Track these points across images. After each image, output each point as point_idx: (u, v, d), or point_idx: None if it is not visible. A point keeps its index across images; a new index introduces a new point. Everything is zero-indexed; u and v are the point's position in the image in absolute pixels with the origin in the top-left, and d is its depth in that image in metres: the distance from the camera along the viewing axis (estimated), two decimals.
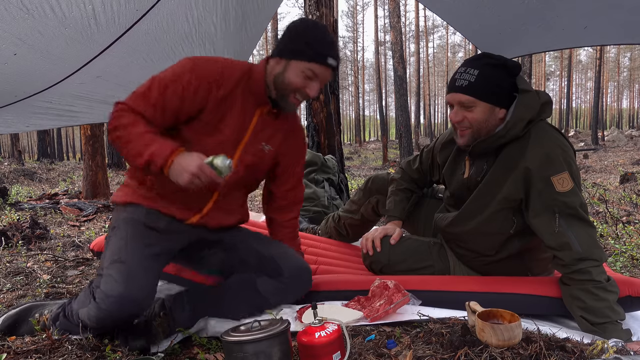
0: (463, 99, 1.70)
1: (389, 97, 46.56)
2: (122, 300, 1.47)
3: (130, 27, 2.22)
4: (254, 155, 1.76)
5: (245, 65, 1.73)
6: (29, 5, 1.73)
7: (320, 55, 1.62)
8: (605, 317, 1.59)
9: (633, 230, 3.54)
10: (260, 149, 1.77)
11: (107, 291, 1.48)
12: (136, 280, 1.51)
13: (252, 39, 3.15)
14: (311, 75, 1.64)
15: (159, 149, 1.48)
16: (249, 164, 1.76)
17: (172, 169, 1.47)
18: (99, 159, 6.53)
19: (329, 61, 1.64)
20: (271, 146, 1.80)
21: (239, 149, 1.72)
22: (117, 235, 1.64)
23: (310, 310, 1.65)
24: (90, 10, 1.93)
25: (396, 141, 20.76)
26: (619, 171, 9.39)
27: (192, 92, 1.62)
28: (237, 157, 1.72)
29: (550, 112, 1.75)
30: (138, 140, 1.51)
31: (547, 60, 49.55)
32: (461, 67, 1.74)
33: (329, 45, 1.65)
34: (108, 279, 1.51)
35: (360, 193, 2.55)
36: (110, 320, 1.50)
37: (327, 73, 1.66)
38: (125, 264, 1.53)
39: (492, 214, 1.78)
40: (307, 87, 1.65)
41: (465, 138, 1.77)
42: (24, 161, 15.72)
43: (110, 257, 1.58)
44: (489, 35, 2.85)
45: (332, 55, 1.64)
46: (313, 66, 1.62)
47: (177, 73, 1.62)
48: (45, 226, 3.91)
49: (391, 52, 14.88)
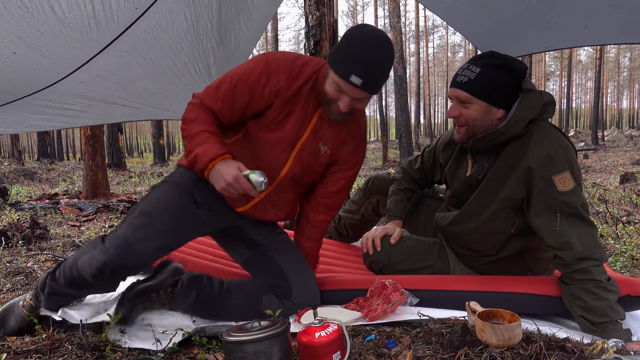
0: (461, 95, 1.71)
1: (389, 97, 46.53)
2: (127, 245, 1.53)
3: (129, 25, 2.22)
4: (310, 155, 1.75)
5: (318, 64, 1.70)
6: (28, 4, 1.72)
7: (344, 70, 1.53)
8: (605, 316, 1.59)
9: (633, 230, 3.54)
10: (317, 149, 1.75)
11: (120, 233, 1.56)
12: (150, 234, 1.58)
13: (249, 36, 3.14)
14: (338, 89, 1.57)
15: (205, 151, 1.54)
16: (304, 163, 1.75)
17: (212, 173, 1.54)
18: (99, 159, 6.53)
19: (351, 79, 1.52)
20: (328, 147, 1.77)
21: (297, 147, 1.72)
22: (159, 191, 1.71)
23: (309, 311, 1.65)
24: (90, 10, 1.93)
25: (396, 141, 20.75)
26: (619, 171, 9.39)
27: (261, 89, 1.63)
28: (294, 155, 1.73)
29: (553, 113, 1.75)
30: (194, 138, 1.59)
31: (547, 60, 49.55)
32: (466, 63, 1.75)
33: (361, 62, 1.51)
34: (127, 224, 1.60)
35: (360, 193, 2.56)
36: (110, 267, 1.53)
37: (355, 91, 1.56)
38: (150, 218, 1.61)
39: (494, 213, 1.78)
40: (339, 100, 1.59)
41: (460, 134, 1.80)
42: (24, 161, 15.72)
43: (141, 208, 1.66)
44: (489, 36, 2.85)
45: (358, 72, 1.51)
46: (339, 80, 1.55)
47: (249, 69, 1.64)
48: (45, 226, 3.91)
49: None
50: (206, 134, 1.58)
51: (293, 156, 1.73)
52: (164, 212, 1.64)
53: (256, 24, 3.05)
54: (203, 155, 1.54)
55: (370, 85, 1.55)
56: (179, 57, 2.81)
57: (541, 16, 2.43)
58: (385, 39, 1.56)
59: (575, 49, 40.12)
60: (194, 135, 1.59)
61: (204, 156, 1.54)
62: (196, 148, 1.56)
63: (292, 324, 1.50)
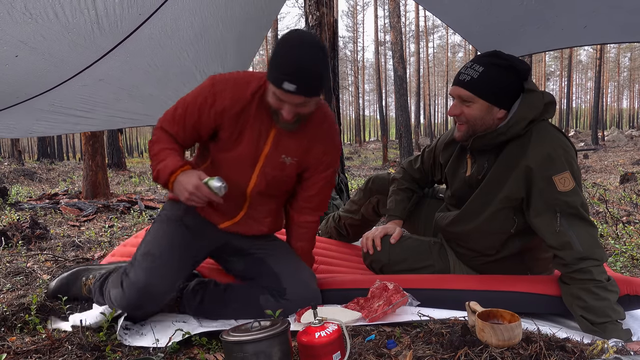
0: (462, 94, 1.71)
1: (389, 97, 46.57)
2: (147, 288, 1.63)
3: (133, 31, 2.22)
4: (274, 169, 1.75)
5: (263, 78, 1.69)
6: (32, 10, 1.73)
7: (276, 78, 1.50)
8: (605, 316, 1.59)
9: (633, 230, 3.54)
10: (281, 161, 1.75)
11: (134, 279, 1.65)
12: (163, 272, 1.67)
13: (255, 41, 3.15)
14: (278, 98, 1.54)
15: (165, 166, 1.64)
16: (269, 177, 1.76)
17: (175, 186, 1.63)
18: (99, 159, 6.53)
19: (284, 86, 1.48)
20: (292, 158, 1.76)
21: (259, 163, 1.74)
22: (156, 228, 1.81)
23: (309, 311, 1.65)
24: (93, 15, 1.93)
25: (396, 141, 20.76)
26: (619, 171, 9.39)
27: (207, 110, 1.68)
28: (257, 171, 1.75)
29: (553, 113, 1.75)
30: (155, 157, 1.70)
31: (547, 60, 49.55)
32: (469, 61, 1.75)
33: (291, 67, 1.47)
34: (137, 268, 1.68)
35: (360, 193, 2.55)
36: (132, 308, 1.64)
37: (291, 97, 1.51)
38: (155, 257, 1.69)
39: (493, 213, 1.78)
40: (281, 109, 1.57)
41: (461, 133, 1.80)
42: (24, 161, 15.72)
43: (144, 247, 1.74)
44: (488, 36, 2.85)
45: (290, 79, 1.47)
46: (275, 89, 1.52)
47: (198, 92, 1.71)
48: (45, 226, 3.91)
49: (391, 52, 14.89)
50: (166, 151, 1.68)
51: (256, 173, 1.75)
52: (167, 248, 1.73)
53: (261, 28, 3.05)
54: (164, 170, 1.63)
55: (305, 89, 1.50)
56: (185, 64, 2.82)
57: (540, 17, 2.43)
58: (312, 39, 1.53)
59: (575, 49, 40.12)
60: (155, 155, 1.70)
61: (165, 171, 1.63)
62: (158, 165, 1.66)
63: (292, 324, 1.50)
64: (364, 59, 47.33)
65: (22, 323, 1.83)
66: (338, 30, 5.09)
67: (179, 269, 1.74)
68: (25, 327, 1.82)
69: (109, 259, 2.28)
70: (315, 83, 1.52)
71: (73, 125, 3.22)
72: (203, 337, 1.60)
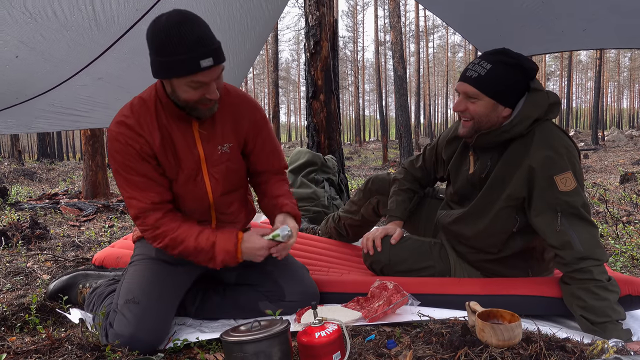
0: (469, 90, 1.71)
1: (389, 97, 46.55)
2: (131, 341, 1.51)
3: (130, 27, 2.22)
4: (220, 163, 1.68)
5: (151, 94, 1.59)
6: (32, 9, 1.73)
7: (190, 65, 1.39)
8: (605, 316, 1.59)
9: (633, 230, 3.54)
10: (220, 153, 1.67)
11: (118, 331, 1.53)
12: (147, 323, 1.55)
13: (257, 43, 3.14)
14: (197, 85, 1.45)
15: (222, 251, 1.59)
16: (220, 175, 1.69)
17: (244, 257, 1.63)
18: (99, 159, 6.53)
19: (203, 65, 1.39)
20: (228, 143, 1.68)
21: (203, 168, 1.65)
22: (133, 272, 1.70)
23: (309, 311, 1.65)
24: (90, 11, 1.93)
25: (396, 141, 20.75)
26: (619, 171, 9.39)
27: (138, 151, 1.55)
28: (207, 177, 1.67)
29: (557, 113, 1.75)
30: (197, 250, 1.59)
31: (547, 60, 49.52)
32: (477, 57, 1.74)
33: (196, 44, 1.38)
34: (120, 318, 1.56)
35: (360, 194, 2.55)
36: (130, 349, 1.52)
37: (212, 73, 1.44)
38: (138, 305, 1.57)
39: (498, 211, 1.78)
40: (206, 94, 1.48)
41: (466, 129, 1.79)
42: (24, 161, 15.72)
43: (125, 294, 1.62)
44: (488, 37, 2.85)
45: (203, 54, 1.38)
46: (192, 77, 1.42)
47: (114, 154, 1.55)
48: (45, 226, 3.91)
49: (391, 52, 14.88)
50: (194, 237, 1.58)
51: (207, 179, 1.66)
52: (147, 290, 1.62)
53: (263, 31, 3.05)
54: (226, 258, 1.60)
55: (218, 56, 1.43)
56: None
57: (539, 19, 2.44)
58: (184, 12, 1.42)
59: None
60: (193, 250, 1.59)
61: (228, 256, 1.60)
62: (216, 257, 1.59)
63: (292, 324, 1.50)
64: (364, 59, 47.31)
65: (22, 323, 1.83)
66: (338, 30, 5.09)
67: (166, 312, 1.62)
68: (25, 327, 1.82)
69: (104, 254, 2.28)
70: (218, 46, 1.44)
71: (72, 122, 3.22)
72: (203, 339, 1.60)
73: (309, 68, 4.85)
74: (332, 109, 4.86)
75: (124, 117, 1.56)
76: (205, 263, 1.62)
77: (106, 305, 1.72)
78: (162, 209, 1.60)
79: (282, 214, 1.74)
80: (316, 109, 4.80)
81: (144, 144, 1.55)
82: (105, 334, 1.56)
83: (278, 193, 1.81)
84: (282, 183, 1.86)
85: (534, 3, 2.29)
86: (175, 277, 1.70)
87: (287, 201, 1.78)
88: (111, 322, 1.57)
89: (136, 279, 1.66)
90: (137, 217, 1.59)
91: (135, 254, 1.78)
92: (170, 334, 1.64)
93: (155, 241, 1.61)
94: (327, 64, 4.82)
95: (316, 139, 4.80)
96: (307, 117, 4.92)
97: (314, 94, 4.81)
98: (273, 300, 1.76)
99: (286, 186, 1.87)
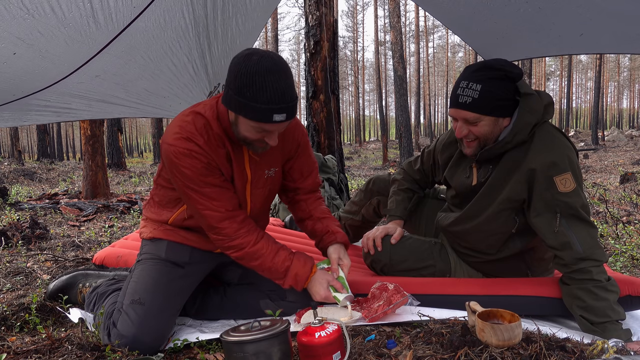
0: (468, 116, 1.69)
1: (389, 97, 46.57)
2: (133, 342, 1.51)
3: (128, 24, 2.22)
4: (263, 187, 1.75)
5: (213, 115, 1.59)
6: (29, 5, 1.72)
7: (263, 115, 1.41)
8: (605, 316, 1.59)
9: (633, 230, 3.54)
10: (266, 178, 1.75)
11: (121, 331, 1.54)
12: (151, 326, 1.55)
13: (247, 35, 3.13)
14: (261, 130, 1.48)
15: (293, 283, 1.69)
16: (264, 196, 1.77)
17: (308, 289, 1.72)
18: (99, 159, 6.53)
19: (275, 119, 1.41)
20: (274, 167, 1.76)
21: (247, 189, 1.71)
22: (141, 271, 1.69)
23: (309, 311, 1.65)
24: (88, 8, 1.92)
25: (396, 141, 20.76)
26: (619, 171, 9.40)
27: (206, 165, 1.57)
28: (249, 197, 1.73)
29: (553, 113, 1.75)
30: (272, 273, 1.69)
31: (547, 60, 49.53)
32: (462, 81, 1.69)
33: (275, 99, 1.39)
34: (125, 319, 1.56)
35: (361, 194, 2.55)
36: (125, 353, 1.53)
37: (281, 126, 1.47)
38: (143, 307, 1.58)
39: (495, 213, 1.78)
40: (266, 138, 1.52)
41: (472, 149, 1.77)
42: (23, 161, 15.72)
43: (131, 294, 1.62)
44: (486, 39, 2.86)
45: (278, 110, 1.40)
46: (260, 125, 1.45)
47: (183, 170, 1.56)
48: (45, 226, 3.91)
49: (391, 52, 14.88)
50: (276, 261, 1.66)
51: (248, 199, 1.73)
52: (154, 291, 1.63)
53: (252, 21, 3.05)
54: (294, 284, 1.69)
55: (292, 113, 1.45)
56: (177, 56, 2.81)
57: (537, 23, 2.44)
58: (274, 58, 1.42)
59: None
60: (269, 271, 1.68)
61: (296, 284, 1.69)
62: (286, 281, 1.69)
63: (292, 324, 1.50)
64: (364, 59, 47.30)
65: (22, 323, 1.83)
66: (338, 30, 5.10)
67: (169, 315, 1.63)
68: (25, 327, 1.82)
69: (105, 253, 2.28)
70: (295, 102, 1.46)
71: (68, 115, 3.23)
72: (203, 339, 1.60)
73: (309, 68, 4.85)
74: (332, 109, 4.86)
75: (191, 135, 1.55)
76: (273, 279, 1.71)
77: (106, 304, 1.72)
78: (236, 216, 1.63)
79: (336, 246, 1.84)
80: (316, 109, 4.80)
81: (212, 160, 1.58)
82: (108, 333, 1.56)
83: (322, 215, 1.89)
84: (320, 202, 1.93)
85: (530, 9, 2.29)
86: (182, 280, 1.71)
87: (335, 227, 1.86)
88: (115, 321, 1.57)
89: (144, 279, 1.66)
90: (212, 228, 1.61)
91: (143, 251, 1.77)
92: (171, 334, 1.64)
93: (229, 251, 1.65)
94: (327, 63, 4.82)
95: (316, 139, 4.80)
96: (307, 117, 4.93)
97: (313, 94, 4.81)
98: (274, 299, 1.77)
99: (324, 205, 1.94)
